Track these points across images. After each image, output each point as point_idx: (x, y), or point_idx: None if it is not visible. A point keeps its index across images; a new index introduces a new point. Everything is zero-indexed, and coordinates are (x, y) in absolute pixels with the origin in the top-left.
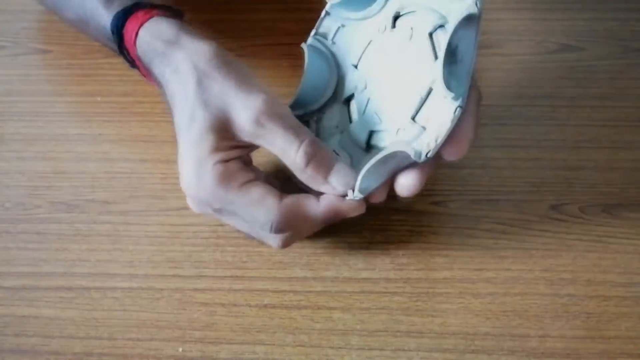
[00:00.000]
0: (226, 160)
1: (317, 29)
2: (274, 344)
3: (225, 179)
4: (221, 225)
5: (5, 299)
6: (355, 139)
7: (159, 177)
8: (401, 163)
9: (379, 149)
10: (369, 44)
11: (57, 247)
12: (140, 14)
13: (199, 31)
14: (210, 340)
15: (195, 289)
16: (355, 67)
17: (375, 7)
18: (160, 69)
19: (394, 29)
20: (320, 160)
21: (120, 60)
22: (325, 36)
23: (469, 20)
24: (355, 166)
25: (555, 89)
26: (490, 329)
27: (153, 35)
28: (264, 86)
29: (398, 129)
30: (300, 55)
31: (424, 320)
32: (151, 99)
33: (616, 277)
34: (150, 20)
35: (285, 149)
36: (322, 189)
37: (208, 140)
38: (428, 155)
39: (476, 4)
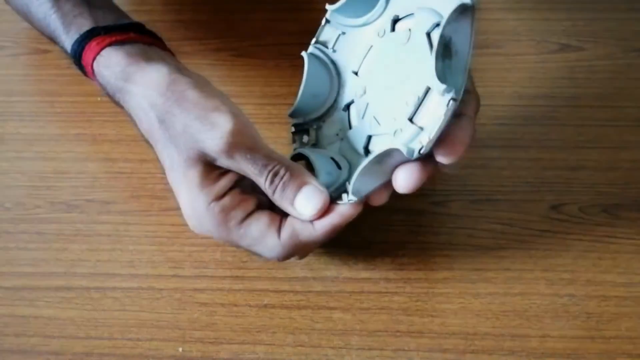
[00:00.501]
0: (221, 196)
1: (317, 38)
2: (274, 344)
3: (223, 219)
4: None
5: (5, 299)
6: (354, 145)
7: (159, 177)
8: (398, 162)
9: None
10: (369, 49)
11: (57, 247)
12: (93, 44)
13: (150, 47)
14: (210, 340)
15: (195, 289)
16: (356, 73)
17: (375, 12)
18: (124, 104)
19: (393, 33)
20: (284, 188)
21: None
22: (325, 44)
23: (463, 12)
24: (354, 173)
25: (555, 89)
26: (490, 329)
27: (107, 69)
28: (226, 107)
29: (395, 131)
30: (300, 56)
31: (424, 320)
32: None
33: (616, 277)
34: (102, 53)
35: (256, 180)
36: (294, 215)
37: (192, 177)
38: (421, 152)
39: None
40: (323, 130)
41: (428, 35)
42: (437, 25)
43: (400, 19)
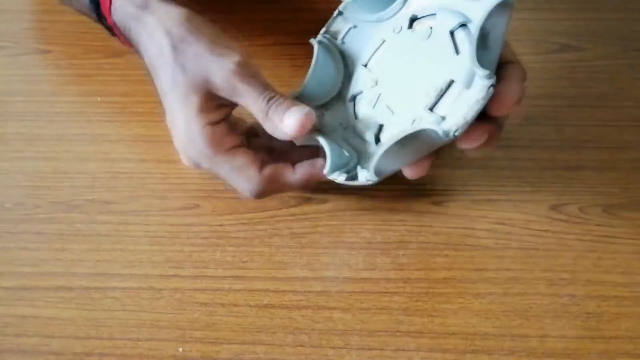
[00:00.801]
0: (214, 123)
1: (327, 28)
2: (274, 344)
3: (213, 142)
4: (221, 225)
5: (5, 299)
6: (361, 133)
7: (159, 177)
8: (424, 146)
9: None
10: (381, 44)
11: (57, 247)
12: None
13: None
14: (210, 340)
15: (195, 289)
16: (365, 66)
17: (390, 10)
18: (135, 34)
19: (410, 30)
20: (278, 104)
21: (120, 61)
22: (335, 35)
23: (503, 7)
24: (363, 160)
25: (555, 89)
26: (490, 329)
27: (127, 3)
28: (235, 46)
29: (414, 120)
30: (300, 56)
31: (424, 320)
32: (151, 99)
33: (616, 277)
34: None
35: (253, 101)
36: (282, 130)
37: (193, 102)
38: (456, 134)
39: None
40: (326, 117)
41: (452, 33)
42: (462, 25)
43: (418, 18)
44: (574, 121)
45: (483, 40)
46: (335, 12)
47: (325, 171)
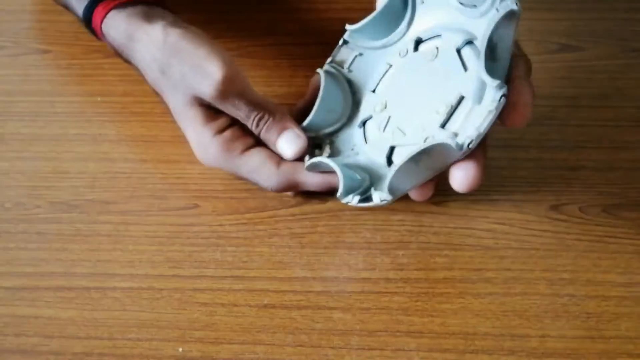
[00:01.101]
0: (223, 129)
1: (333, 57)
2: (274, 344)
3: (226, 149)
4: (221, 225)
5: (5, 299)
6: (373, 157)
7: (159, 177)
8: (437, 162)
9: None
10: (388, 68)
11: (57, 247)
12: (100, 9)
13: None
14: (210, 340)
15: (195, 289)
16: (373, 91)
17: (395, 35)
18: (132, 60)
19: (416, 52)
20: (269, 131)
21: (120, 60)
22: (341, 64)
23: (510, 18)
24: (376, 183)
25: (555, 89)
26: (490, 329)
27: (113, 30)
28: (218, 57)
29: (426, 138)
30: (300, 56)
31: (424, 320)
32: (151, 99)
33: (616, 277)
34: (108, 16)
35: (244, 122)
36: (277, 151)
37: (196, 116)
38: (470, 146)
39: (516, 3)
40: (336, 144)
41: (458, 51)
42: (468, 42)
43: (423, 41)
44: (574, 121)
45: (491, 52)
46: (341, 42)
47: (338, 195)
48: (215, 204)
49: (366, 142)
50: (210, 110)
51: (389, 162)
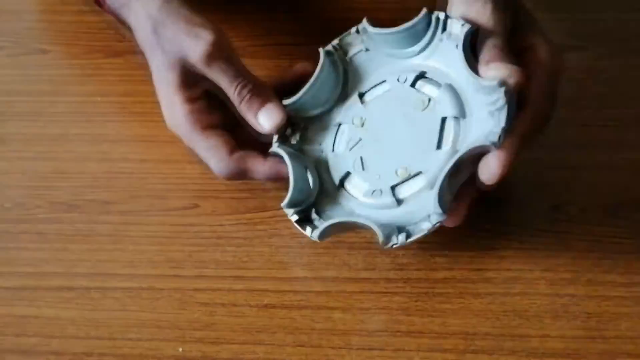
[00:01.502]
0: (194, 99)
1: (340, 39)
2: (274, 344)
3: (191, 118)
4: (221, 225)
5: (5, 299)
6: (331, 170)
7: (159, 177)
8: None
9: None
10: (381, 82)
11: (57, 247)
12: None
13: None
14: (210, 340)
15: (196, 289)
16: (361, 97)
17: (407, 52)
18: (126, 18)
19: (413, 89)
20: (252, 100)
21: (120, 61)
22: (345, 50)
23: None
24: (321, 199)
25: None
26: (490, 329)
27: None
28: (212, 27)
29: (373, 191)
30: (300, 56)
31: (424, 320)
32: (151, 99)
33: (616, 277)
34: None
35: (226, 87)
36: (256, 128)
37: (171, 79)
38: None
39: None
40: (308, 132)
41: (443, 120)
42: (456, 117)
43: (425, 77)
44: (574, 121)
45: (457, 167)
46: (355, 29)
47: (282, 204)
48: (215, 204)
49: (333, 150)
50: (188, 78)
51: (341, 184)
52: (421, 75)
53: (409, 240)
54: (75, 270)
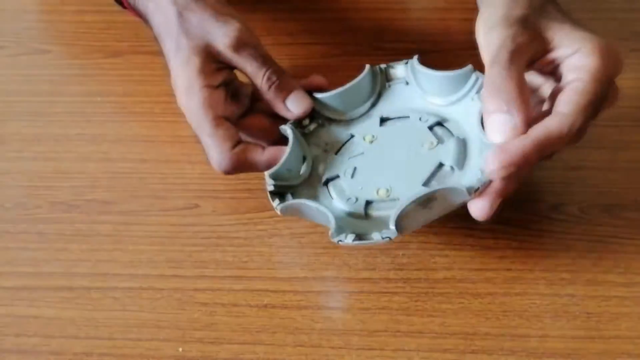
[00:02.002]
0: (214, 86)
1: (388, 66)
2: (274, 344)
3: (208, 104)
4: (221, 225)
5: (5, 299)
6: (325, 169)
7: (159, 177)
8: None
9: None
10: (405, 117)
11: (57, 247)
12: None
13: None
14: (210, 340)
15: (196, 289)
16: (382, 121)
17: (443, 97)
18: (143, 4)
19: (428, 129)
20: (280, 86)
21: (120, 61)
22: (388, 76)
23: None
24: (307, 185)
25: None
26: (490, 329)
27: None
28: (237, 16)
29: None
30: (300, 56)
31: (424, 320)
32: (151, 99)
33: (616, 277)
34: None
35: (254, 74)
36: (282, 112)
37: (194, 62)
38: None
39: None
40: (321, 130)
41: (440, 165)
42: (452, 167)
43: (443, 125)
44: None
45: (428, 202)
46: (404, 61)
47: (267, 172)
48: (215, 204)
49: (335, 153)
50: (210, 65)
51: (325, 183)
52: (440, 123)
53: (355, 242)
54: (75, 270)
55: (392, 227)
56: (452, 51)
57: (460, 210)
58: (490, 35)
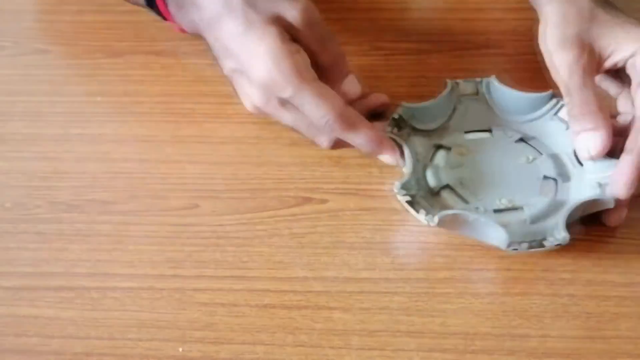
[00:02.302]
0: (298, 52)
1: (463, 80)
2: (274, 344)
3: (305, 67)
4: (221, 225)
5: (5, 299)
6: (428, 178)
7: (159, 177)
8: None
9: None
10: (486, 130)
11: (57, 247)
12: None
13: None
14: (210, 340)
15: (195, 289)
16: (465, 133)
17: (519, 116)
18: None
19: (517, 143)
20: (340, 62)
21: (120, 61)
22: (460, 90)
23: None
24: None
25: (556, 89)
26: (490, 329)
27: None
28: None
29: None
30: None
31: (424, 320)
32: (151, 99)
33: (616, 277)
34: None
35: (319, 51)
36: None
37: (274, 33)
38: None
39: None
40: (410, 139)
41: (545, 177)
42: (554, 179)
43: (525, 141)
44: None
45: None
46: (479, 79)
47: (396, 184)
48: (215, 203)
49: (430, 161)
50: (286, 34)
51: (437, 192)
52: (523, 139)
53: (531, 250)
54: (75, 270)
55: (564, 232)
56: (452, 51)
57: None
58: (556, 60)
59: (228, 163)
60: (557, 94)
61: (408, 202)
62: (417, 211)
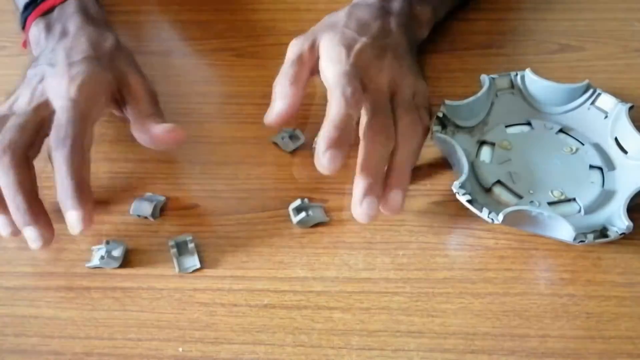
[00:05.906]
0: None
1: (499, 76)
2: (274, 344)
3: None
4: (221, 225)
5: (5, 299)
6: (478, 175)
7: (159, 177)
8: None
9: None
10: (526, 123)
11: (57, 247)
12: (29, 19)
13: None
14: (210, 340)
15: (195, 289)
16: (506, 127)
17: (555, 107)
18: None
19: (558, 134)
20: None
21: None
22: (497, 86)
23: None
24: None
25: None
26: (490, 329)
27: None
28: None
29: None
30: None
31: (424, 320)
32: None
33: (616, 277)
34: (31, 29)
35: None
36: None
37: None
38: None
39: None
40: (454, 137)
41: (591, 166)
42: (600, 168)
43: (565, 132)
44: None
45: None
46: (514, 73)
47: (455, 183)
48: (215, 204)
49: (476, 157)
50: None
51: (489, 189)
52: (563, 130)
53: (597, 240)
54: (75, 270)
55: (627, 222)
56: (452, 51)
57: (460, 211)
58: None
59: (228, 163)
60: (592, 84)
61: (468, 201)
62: (480, 210)
